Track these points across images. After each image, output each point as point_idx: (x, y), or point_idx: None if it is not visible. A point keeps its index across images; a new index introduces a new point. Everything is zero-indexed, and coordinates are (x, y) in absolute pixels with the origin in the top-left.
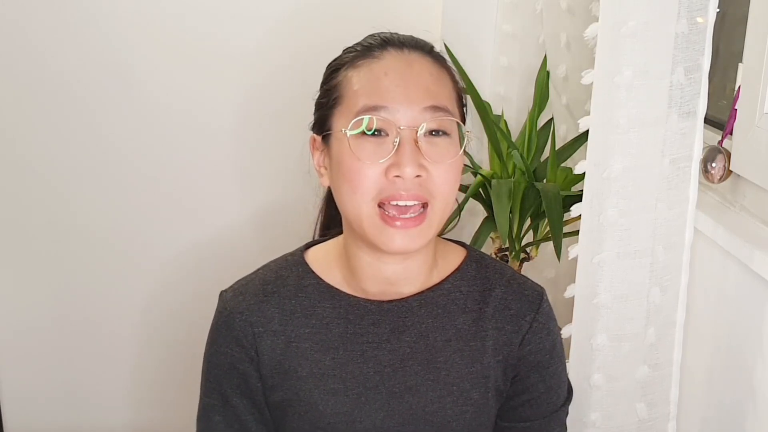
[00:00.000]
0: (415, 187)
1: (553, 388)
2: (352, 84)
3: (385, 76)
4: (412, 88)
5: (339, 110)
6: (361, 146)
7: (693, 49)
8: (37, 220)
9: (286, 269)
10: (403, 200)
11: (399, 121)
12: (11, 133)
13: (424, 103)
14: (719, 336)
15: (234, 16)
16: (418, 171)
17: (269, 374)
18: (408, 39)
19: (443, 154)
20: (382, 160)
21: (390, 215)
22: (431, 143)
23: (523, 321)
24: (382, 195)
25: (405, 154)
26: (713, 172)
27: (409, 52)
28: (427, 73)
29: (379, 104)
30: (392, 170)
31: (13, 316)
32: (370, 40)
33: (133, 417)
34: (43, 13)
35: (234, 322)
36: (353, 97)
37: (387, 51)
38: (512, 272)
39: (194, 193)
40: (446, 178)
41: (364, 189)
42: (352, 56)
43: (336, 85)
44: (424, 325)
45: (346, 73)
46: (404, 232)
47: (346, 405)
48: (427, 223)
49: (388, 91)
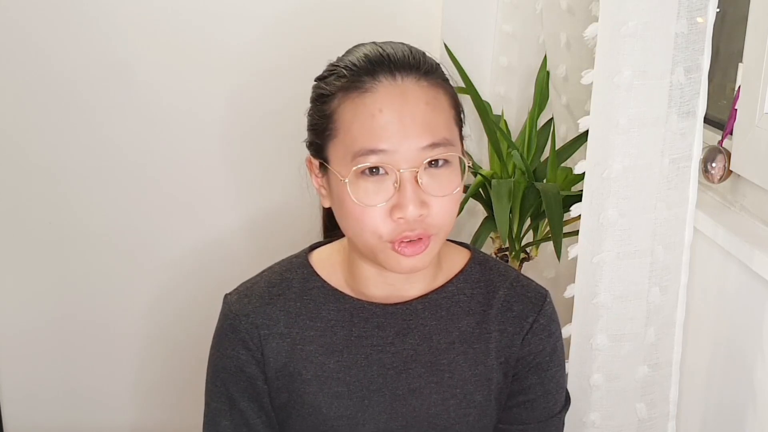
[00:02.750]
0: (419, 225)
1: (551, 393)
2: (346, 120)
3: (380, 113)
4: (410, 126)
5: (335, 144)
6: (361, 189)
7: (693, 49)
8: (37, 220)
9: (290, 271)
10: (409, 238)
11: (398, 162)
12: (12, 133)
13: (422, 142)
14: (719, 336)
15: (237, 17)
16: (420, 210)
17: (274, 377)
18: (400, 60)
19: (445, 186)
20: (383, 204)
21: (398, 246)
22: (432, 175)
23: (524, 322)
24: (391, 236)
25: (406, 196)
26: (713, 172)
27: (402, 80)
28: (423, 103)
29: (377, 147)
30: (395, 212)
31: (14, 316)
32: (358, 60)
33: (134, 417)
34: (43, 12)
35: (240, 324)
36: (348, 135)
37: (379, 82)
38: (516, 274)
39: (197, 193)
40: (448, 209)
41: (371, 229)
42: (342, 84)
43: (330, 115)
44: (428, 328)
45: (339, 105)
46: (412, 258)
47: (349, 408)
48: (432, 248)
49: (384, 131)
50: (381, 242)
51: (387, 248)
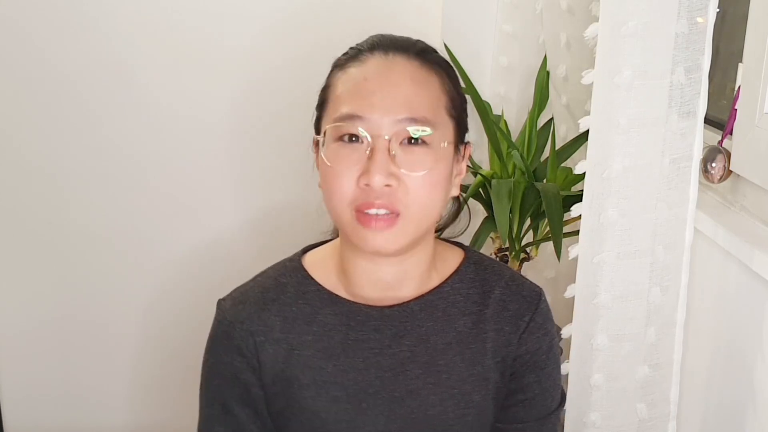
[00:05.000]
0: (385, 195)
1: (548, 390)
2: (336, 87)
3: (364, 82)
4: (390, 97)
5: (326, 114)
6: (336, 153)
7: (693, 49)
8: (37, 220)
9: (285, 276)
10: (374, 208)
11: (372, 130)
12: (12, 133)
13: (399, 114)
14: (719, 336)
15: (237, 17)
16: (387, 180)
17: (271, 383)
18: (399, 41)
19: (417, 164)
20: (354, 168)
21: (364, 218)
22: (407, 152)
23: (521, 321)
24: (356, 202)
25: (375, 163)
26: (713, 172)
27: (393, 56)
28: (408, 78)
29: (355, 113)
30: (363, 179)
31: (14, 316)
32: (365, 42)
33: (133, 417)
34: (43, 12)
35: (234, 331)
36: (335, 102)
37: (372, 55)
38: (511, 273)
39: (196, 194)
40: (420, 188)
41: (340, 195)
42: (345, 58)
43: (327, 87)
44: (425, 329)
45: (335, 75)
46: (378, 233)
47: (348, 412)
48: (400, 229)
49: (363, 99)
50: (349, 211)
51: (354, 220)
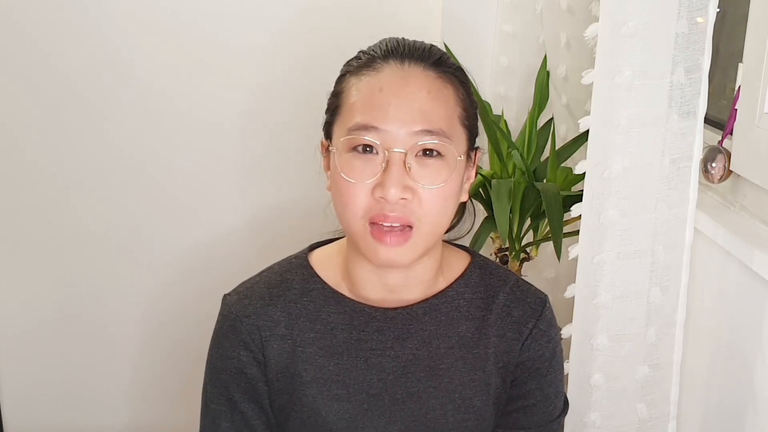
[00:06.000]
0: (399, 208)
1: (550, 398)
2: (351, 96)
3: (379, 93)
4: (406, 109)
5: (338, 121)
6: (351, 164)
7: (693, 49)
8: (37, 220)
9: (290, 272)
10: (389, 222)
11: (389, 143)
12: (14, 132)
13: (415, 126)
14: (719, 336)
15: (238, 17)
16: (402, 194)
17: (275, 378)
18: (414, 49)
19: (432, 177)
20: (369, 180)
21: (378, 232)
22: (423, 164)
23: (524, 327)
24: (370, 214)
25: (390, 176)
26: (713, 172)
27: (409, 66)
28: (424, 90)
29: (370, 123)
30: (377, 191)
31: (14, 316)
32: (378, 47)
33: (133, 417)
34: (47, 12)
35: (241, 326)
36: (349, 111)
37: (387, 64)
38: (516, 279)
39: (197, 193)
40: (434, 201)
41: (353, 207)
42: (358, 64)
43: (339, 93)
44: (428, 332)
45: (348, 82)
46: (391, 249)
47: (348, 411)
48: (412, 243)
49: (380, 109)
50: (362, 224)
51: (367, 233)
